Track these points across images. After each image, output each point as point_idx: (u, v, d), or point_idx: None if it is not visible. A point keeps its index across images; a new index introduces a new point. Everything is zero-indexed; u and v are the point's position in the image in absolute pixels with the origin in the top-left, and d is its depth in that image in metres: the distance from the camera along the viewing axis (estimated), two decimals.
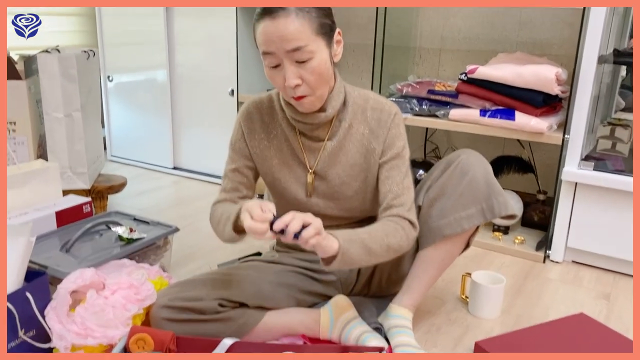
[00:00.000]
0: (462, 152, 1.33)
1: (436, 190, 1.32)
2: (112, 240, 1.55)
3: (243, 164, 1.34)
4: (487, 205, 1.27)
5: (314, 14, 1.12)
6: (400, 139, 1.29)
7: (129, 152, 2.97)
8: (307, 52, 1.11)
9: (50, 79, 1.88)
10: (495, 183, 1.29)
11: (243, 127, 1.33)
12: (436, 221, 1.31)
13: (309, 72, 1.13)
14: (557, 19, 2.14)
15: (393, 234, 1.20)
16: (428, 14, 2.39)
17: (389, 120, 1.28)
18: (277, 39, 1.09)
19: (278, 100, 1.31)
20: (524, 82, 1.80)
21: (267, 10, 1.10)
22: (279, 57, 1.12)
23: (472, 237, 1.36)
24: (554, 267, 1.86)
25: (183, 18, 2.62)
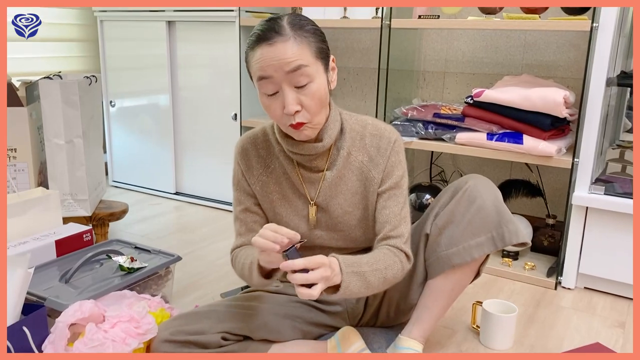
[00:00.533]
0: (470, 177, 1.30)
1: (444, 218, 1.28)
2: (112, 270, 1.51)
3: (251, 202, 1.30)
4: (498, 234, 1.23)
5: (311, 38, 1.10)
6: (400, 167, 1.25)
7: (131, 177, 2.95)
8: (306, 75, 1.08)
9: (52, 105, 1.86)
10: (505, 210, 1.25)
11: (241, 164, 1.30)
12: (445, 250, 1.27)
13: (309, 97, 1.10)
14: (563, 41, 2.12)
15: (391, 267, 1.17)
16: (431, 37, 2.38)
17: (389, 148, 1.24)
18: (276, 62, 1.06)
19: (273, 133, 1.27)
20: (532, 105, 1.78)
21: (262, 37, 1.07)
22: (277, 82, 1.08)
23: (483, 265, 1.32)
24: (566, 294, 1.81)
25: (186, 42, 2.61)
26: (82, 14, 2.91)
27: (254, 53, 1.09)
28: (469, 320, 1.61)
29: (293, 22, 1.09)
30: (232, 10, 2.37)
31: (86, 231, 1.66)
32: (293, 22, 1.09)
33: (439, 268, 1.28)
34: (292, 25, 1.08)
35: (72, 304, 1.27)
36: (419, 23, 1.96)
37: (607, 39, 1.65)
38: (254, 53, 1.09)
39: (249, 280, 1.20)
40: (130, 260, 1.50)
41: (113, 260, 1.53)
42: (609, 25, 1.64)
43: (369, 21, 2.09)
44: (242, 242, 1.29)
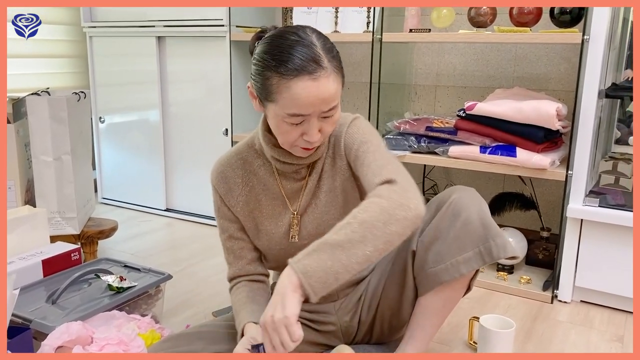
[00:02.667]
0: (454, 190, 1.25)
1: (430, 234, 1.23)
2: (101, 290, 1.47)
3: (235, 228, 1.28)
4: (485, 248, 1.18)
5: (339, 65, 1.07)
6: (358, 131, 1.17)
7: (121, 194, 2.91)
8: (335, 109, 1.07)
9: (40, 122, 1.83)
10: (492, 223, 1.20)
11: (218, 190, 1.27)
12: (432, 267, 1.22)
13: (330, 124, 1.09)
14: (554, 54, 2.13)
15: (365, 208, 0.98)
16: (422, 50, 2.38)
17: (344, 130, 1.18)
18: (319, 101, 1.02)
19: (249, 149, 1.25)
20: (524, 117, 1.77)
21: (302, 67, 1.00)
22: (309, 116, 1.05)
23: (473, 279, 1.28)
24: (562, 308, 1.79)
25: (176, 57, 2.60)
26: (71, 30, 2.89)
27: (290, 85, 1.01)
28: (465, 336, 1.58)
29: (326, 48, 1.04)
30: (223, 25, 2.36)
31: (74, 250, 1.63)
32: (324, 46, 1.04)
33: (428, 285, 1.24)
34: (326, 52, 1.03)
35: (59, 325, 1.23)
36: (410, 37, 1.96)
37: (598, 52, 1.66)
38: (290, 85, 1.01)
39: None
40: (120, 280, 1.47)
41: (102, 279, 1.49)
42: (600, 38, 1.64)
43: (360, 35, 2.09)
44: (235, 271, 1.29)
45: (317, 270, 0.96)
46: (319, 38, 1.05)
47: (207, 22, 2.42)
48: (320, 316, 1.33)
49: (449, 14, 1.98)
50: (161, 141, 2.70)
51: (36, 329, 1.28)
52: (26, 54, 2.70)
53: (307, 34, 1.05)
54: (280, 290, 0.98)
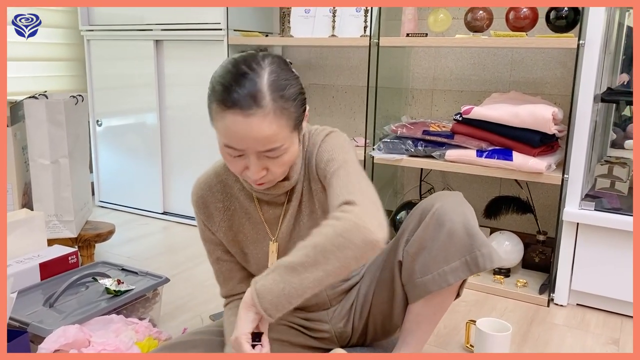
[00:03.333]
0: (437, 198, 1.21)
1: (415, 245, 1.21)
2: (99, 293, 1.47)
3: (220, 251, 1.26)
4: (471, 258, 1.16)
5: (292, 109, 0.98)
6: (327, 150, 1.11)
7: (118, 197, 2.91)
8: (280, 151, 1.00)
9: (37, 125, 1.83)
10: (477, 232, 1.17)
11: (200, 214, 1.24)
12: (420, 277, 1.20)
13: (278, 165, 1.03)
14: (549, 59, 2.14)
15: (320, 231, 0.94)
16: (419, 55, 2.39)
17: (317, 145, 1.13)
18: (251, 140, 0.96)
19: (227, 172, 1.21)
20: (521, 121, 1.78)
21: (237, 102, 0.93)
22: (246, 152, 1.00)
23: (462, 286, 1.27)
24: (559, 311, 1.80)
25: (173, 61, 2.60)
26: (69, 34, 2.89)
27: (223, 115, 0.95)
28: (462, 339, 1.58)
29: (274, 86, 0.96)
30: (220, 29, 2.37)
31: (71, 253, 1.63)
32: (274, 84, 0.96)
33: (417, 295, 1.23)
34: (272, 90, 0.96)
35: (56, 329, 1.23)
36: (407, 41, 1.97)
37: (593, 56, 1.67)
38: (223, 115, 0.95)
39: None
40: (117, 283, 1.47)
41: (99, 283, 1.49)
42: (595, 43, 1.66)
43: (357, 39, 2.09)
44: (227, 291, 1.28)
45: (270, 292, 0.94)
46: (273, 73, 0.97)
47: (205, 25, 2.43)
48: (314, 324, 1.33)
49: (445, 19, 1.99)
50: (158, 144, 2.70)
51: (33, 333, 1.28)
52: (24, 57, 2.70)
53: (262, 66, 0.97)
54: (240, 308, 0.97)
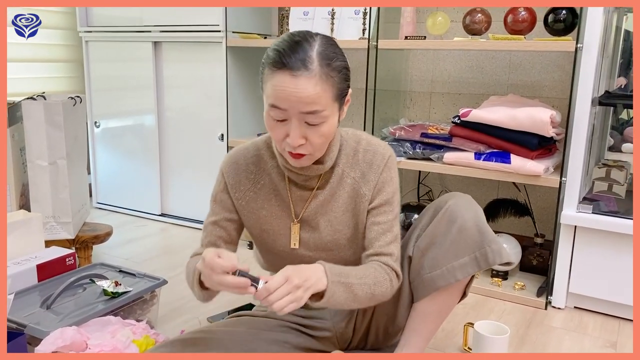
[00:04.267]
0: (450, 196, 1.27)
1: (426, 240, 1.25)
2: (96, 295, 1.47)
3: (224, 217, 1.26)
4: (481, 254, 1.20)
5: (336, 78, 1.06)
6: (391, 184, 1.23)
7: (116, 198, 2.90)
8: (321, 117, 1.06)
9: (35, 126, 1.83)
10: (488, 229, 1.22)
11: (227, 178, 1.26)
12: (428, 272, 1.23)
13: (317, 135, 1.08)
14: (547, 62, 2.15)
15: (380, 284, 1.15)
16: (418, 57, 2.39)
17: (382, 164, 1.23)
18: (295, 99, 1.02)
19: (267, 147, 1.26)
20: (518, 124, 1.79)
21: (287, 63, 1.02)
22: (289, 114, 1.06)
23: (468, 286, 1.29)
24: (556, 314, 1.80)
25: (172, 63, 2.60)
26: (67, 35, 2.89)
27: (273, 76, 1.04)
28: (460, 342, 1.58)
29: (323, 55, 1.04)
30: (219, 31, 2.37)
31: (69, 255, 1.62)
32: (323, 54, 1.05)
33: (424, 291, 1.25)
34: (321, 58, 1.04)
35: (53, 331, 1.23)
36: (406, 44, 1.97)
37: (591, 60, 1.67)
38: (273, 76, 1.04)
39: (191, 288, 1.17)
40: (115, 285, 1.46)
41: (97, 284, 1.49)
42: (593, 46, 1.66)
43: (355, 42, 2.10)
44: (199, 252, 1.26)
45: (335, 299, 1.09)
46: (323, 45, 1.06)
47: (204, 27, 2.43)
48: (316, 322, 1.33)
49: (444, 22, 1.99)
50: (156, 146, 2.70)
51: (30, 334, 1.27)
52: (22, 58, 2.69)
53: (314, 39, 1.06)
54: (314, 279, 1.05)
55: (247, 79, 2.51)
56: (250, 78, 2.53)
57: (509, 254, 1.24)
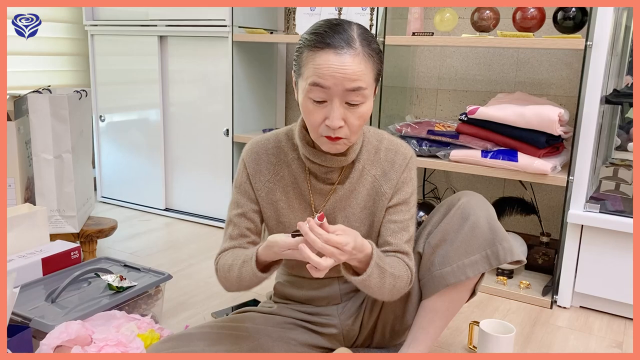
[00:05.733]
0: (463, 194, 1.28)
1: (437, 237, 1.26)
2: (101, 289, 1.47)
3: (250, 208, 1.25)
4: (492, 252, 1.21)
5: (375, 59, 1.08)
6: (410, 184, 1.24)
7: (120, 193, 2.90)
8: (362, 96, 1.06)
9: (41, 120, 1.83)
10: (499, 227, 1.23)
11: (248, 167, 1.25)
12: (439, 269, 1.24)
13: (356, 117, 1.08)
14: (555, 59, 2.13)
15: (401, 278, 1.16)
16: (424, 54, 2.38)
17: (403, 164, 1.23)
18: (340, 75, 1.02)
19: (287, 139, 1.25)
20: (526, 122, 1.77)
21: (330, 43, 1.03)
22: (331, 94, 1.05)
23: (478, 284, 1.29)
24: (562, 314, 1.79)
25: (177, 57, 2.60)
26: (72, 28, 2.89)
27: (315, 56, 1.04)
28: (465, 340, 1.58)
29: (363, 36, 1.06)
30: (225, 26, 2.36)
31: (74, 249, 1.62)
32: (363, 35, 1.07)
33: (434, 287, 1.26)
34: (362, 38, 1.06)
35: (58, 325, 1.22)
36: (413, 40, 1.96)
37: (600, 58, 1.66)
38: (315, 56, 1.04)
39: (234, 281, 1.16)
40: (120, 279, 1.46)
41: (101, 278, 1.49)
42: (603, 44, 1.65)
43: None
44: (231, 245, 1.23)
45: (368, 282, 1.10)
46: (360, 29, 1.08)
47: (210, 22, 2.42)
48: (322, 318, 1.33)
49: (452, 18, 1.98)
50: (161, 141, 2.70)
51: (35, 328, 1.27)
52: (27, 52, 2.69)
53: (350, 23, 1.08)
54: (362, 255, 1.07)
55: (253, 74, 2.51)
56: (256, 73, 2.53)
57: (520, 252, 1.24)
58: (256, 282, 1.14)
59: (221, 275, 1.20)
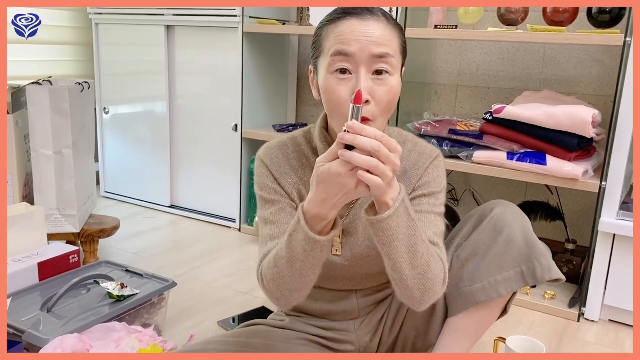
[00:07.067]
0: (496, 204, 1.17)
1: (468, 250, 1.16)
2: (100, 297, 1.37)
3: (287, 203, 1.08)
4: (528, 268, 1.11)
5: (399, 32, 1.01)
6: (438, 181, 1.09)
7: (124, 188, 2.80)
8: (389, 65, 0.96)
9: (40, 113, 1.73)
10: (537, 241, 1.13)
11: (272, 169, 1.10)
12: (468, 285, 1.14)
13: (384, 91, 0.95)
14: (585, 56, 2.01)
15: (435, 262, 0.97)
16: (444, 48, 2.26)
17: (427, 162, 1.11)
18: (366, 39, 0.94)
19: (306, 143, 1.13)
20: (557, 123, 1.66)
21: (352, 11, 0.97)
22: (356, 62, 0.94)
23: (510, 302, 1.20)
24: (590, 328, 1.69)
25: (185, 48, 2.49)
26: (76, 16, 2.78)
27: (337, 26, 0.97)
28: None
29: (384, 11, 1.01)
30: (236, 15, 2.25)
31: (73, 252, 1.53)
32: (383, 10, 1.01)
33: (462, 305, 1.16)
34: (384, 12, 1.00)
35: (53, 339, 1.13)
36: (435, 33, 1.84)
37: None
38: (337, 26, 0.97)
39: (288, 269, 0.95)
40: (120, 287, 1.36)
41: (101, 286, 1.39)
42: None
43: None
44: (273, 246, 1.03)
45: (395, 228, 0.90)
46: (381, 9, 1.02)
47: (220, 12, 2.30)
48: (339, 334, 1.22)
49: (477, 10, 1.86)
50: (167, 135, 2.59)
51: (29, 341, 1.18)
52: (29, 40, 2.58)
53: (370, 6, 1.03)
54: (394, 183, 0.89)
55: (263, 67, 2.39)
56: (268, 66, 2.41)
57: (560, 272, 1.14)
58: (314, 257, 0.92)
59: (269, 279, 0.99)
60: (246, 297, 1.77)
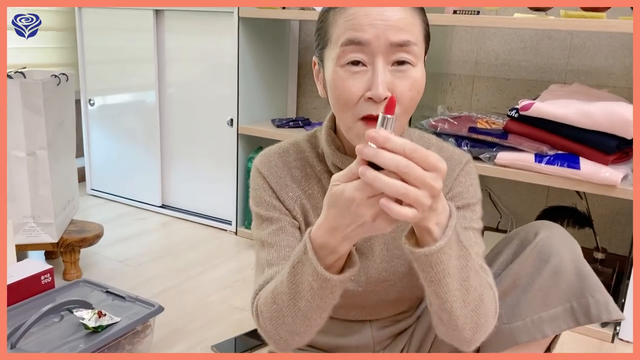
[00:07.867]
0: (541, 227, 0.99)
1: (507, 281, 0.98)
2: (75, 326, 1.19)
3: (287, 222, 0.93)
4: (580, 305, 0.94)
5: (423, 17, 0.83)
6: (472, 190, 0.94)
7: (112, 186, 2.61)
8: (411, 55, 0.78)
9: (11, 111, 1.54)
10: (590, 273, 0.95)
11: (270, 182, 0.94)
12: (507, 323, 0.97)
13: (406, 86, 0.78)
14: (618, 44, 1.82)
15: (487, 293, 0.80)
16: (460, 35, 2.06)
17: (457, 169, 0.94)
18: (382, 23, 0.77)
19: (311, 148, 0.96)
20: (593, 123, 1.47)
21: None
22: (372, 52, 0.77)
23: (555, 341, 1.02)
24: (626, 349, 1.52)
25: (175, 33, 2.28)
26: None
27: (345, 8, 0.80)
28: None
29: None
30: None
31: (45, 272, 1.34)
32: None
33: (498, 345, 0.98)
34: None
35: None
36: (455, 19, 1.64)
37: None
38: (345, 8, 0.80)
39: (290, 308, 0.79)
40: (98, 316, 1.18)
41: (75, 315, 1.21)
42: None
43: None
44: (271, 274, 0.87)
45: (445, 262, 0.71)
46: None
47: None
48: None
49: None
50: (157, 128, 2.40)
51: None
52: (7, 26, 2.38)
53: None
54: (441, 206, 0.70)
55: (261, 55, 2.19)
56: (266, 54, 2.21)
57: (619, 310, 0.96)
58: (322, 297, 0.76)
59: (266, 317, 0.83)
60: (243, 315, 1.60)
